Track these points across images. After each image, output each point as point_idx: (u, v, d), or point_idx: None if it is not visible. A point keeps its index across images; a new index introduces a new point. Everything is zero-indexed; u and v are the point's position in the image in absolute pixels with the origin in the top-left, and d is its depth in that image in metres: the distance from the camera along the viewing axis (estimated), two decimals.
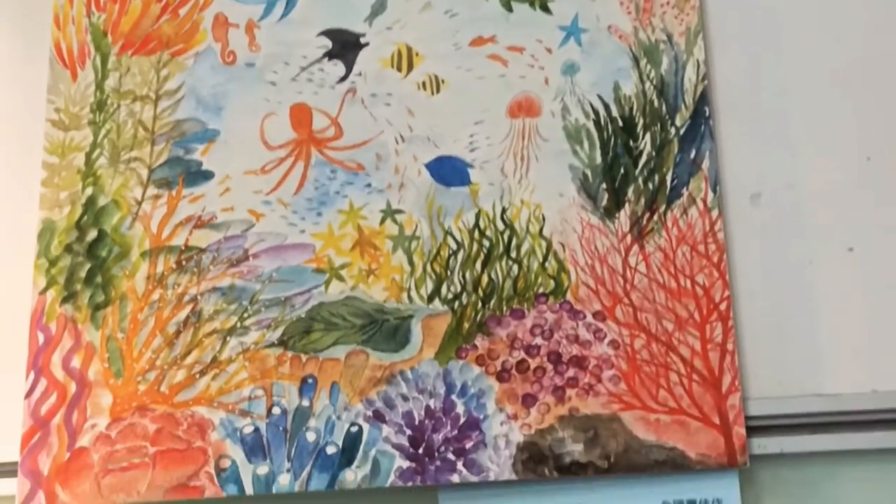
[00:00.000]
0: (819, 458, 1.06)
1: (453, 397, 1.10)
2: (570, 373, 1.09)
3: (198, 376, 1.15)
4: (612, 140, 1.15)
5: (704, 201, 1.12)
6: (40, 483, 1.14)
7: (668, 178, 1.13)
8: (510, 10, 1.20)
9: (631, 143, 1.15)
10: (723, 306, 1.09)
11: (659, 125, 1.14)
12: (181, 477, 1.12)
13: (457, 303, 1.13)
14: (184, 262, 1.19)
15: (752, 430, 1.05)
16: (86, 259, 1.21)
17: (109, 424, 1.15)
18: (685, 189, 1.12)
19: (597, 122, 1.16)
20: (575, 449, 1.07)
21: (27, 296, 1.20)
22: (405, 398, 1.11)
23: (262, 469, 1.11)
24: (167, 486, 1.12)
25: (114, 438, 1.15)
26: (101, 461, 1.14)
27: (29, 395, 1.17)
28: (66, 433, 1.16)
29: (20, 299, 1.20)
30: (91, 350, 1.18)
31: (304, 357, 1.14)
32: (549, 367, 1.10)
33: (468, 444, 1.09)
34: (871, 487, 1.06)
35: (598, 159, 1.15)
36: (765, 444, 1.06)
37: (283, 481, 1.11)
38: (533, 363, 1.10)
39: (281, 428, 1.12)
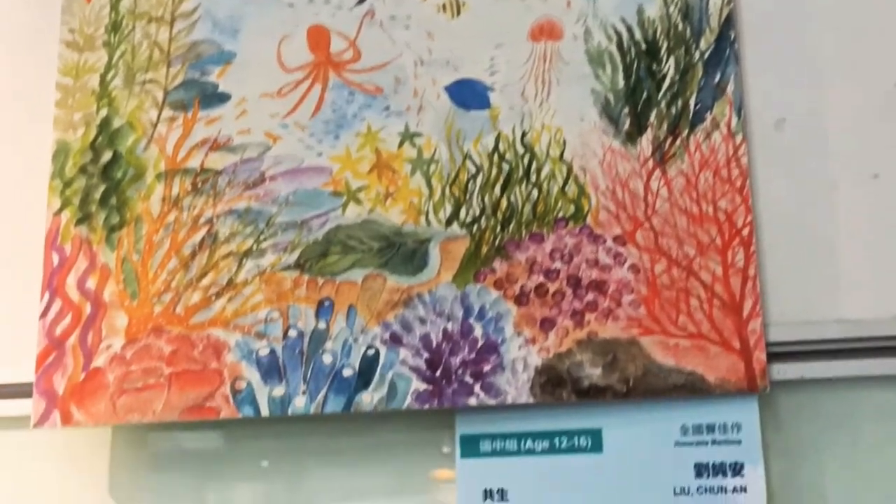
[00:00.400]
0: (840, 384, 1.05)
1: (471, 321, 1.09)
2: (590, 297, 1.08)
3: (213, 298, 1.15)
4: (635, 64, 1.13)
5: (728, 126, 1.10)
6: (55, 402, 1.14)
7: (692, 102, 1.11)
8: None
9: (654, 66, 1.13)
10: (745, 231, 1.07)
11: (683, 49, 1.13)
12: (196, 398, 1.12)
13: (475, 226, 1.12)
14: (199, 185, 1.18)
15: (773, 356, 1.04)
16: (100, 181, 1.20)
17: (125, 345, 1.15)
18: (709, 114, 1.11)
19: (620, 46, 1.14)
20: (593, 373, 1.06)
21: (41, 217, 1.19)
22: (423, 321, 1.10)
23: (278, 391, 1.11)
24: (182, 407, 1.12)
25: (129, 359, 1.14)
26: (116, 381, 1.14)
27: (44, 315, 1.17)
28: (81, 354, 1.15)
29: (35, 220, 1.20)
30: (106, 271, 1.17)
31: (320, 280, 1.13)
32: (568, 291, 1.09)
33: (486, 368, 1.08)
34: (892, 413, 1.05)
35: (621, 83, 1.13)
36: (785, 370, 1.05)
37: (299, 403, 1.10)
38: (552, 287, 1.09)
39: (297, 350, 1.12)
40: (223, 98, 1.20)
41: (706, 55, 1.12)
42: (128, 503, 1.16)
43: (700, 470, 1.04)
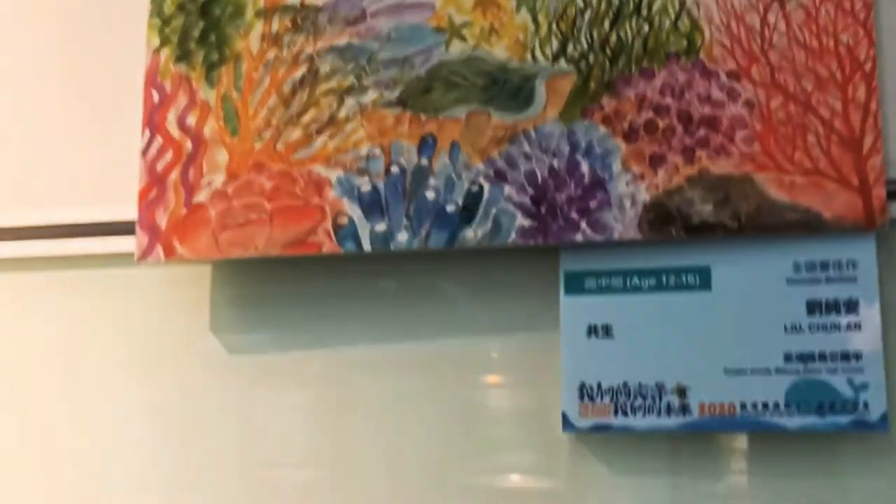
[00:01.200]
0: None
1: (578, 157, 1.07)
2: (701, 133, 1.05)
3: (315, 135, 1.13)
4: None
5: None
6: (158, 237, 1.14)
7: None
8: None
9: None
10: (867, 66, 1.03)
11: None
12: (298, 233, 1.12)
13: (583, 62, 1.09)
14: (299, 22, 1.16)
15: (893, 195, 1.01)
16: (199, 18, 1.18)
17: (226, 181, 1.15)
18: None
19: None
20: (704, 209, 1.04)
21: (141, 55, 1.19)
22: (528, 158, 1.08)
23: (381, 226, 1.10)
24: (284, 242, 1.12)
25: (230, 195, 1.14)
26: (218, 217, 1.14)
27: (145, 152, 1.17)
28: (182, 189, 1.15)
29: (134, 59, 1.19)
30: (206, 108, 1.16)
31: (423, 116, 1.11)
32: (679, 127, 1.06)
33: (592, 204, 1.06)
34: None
35: None
36: None
37: (402, 238, 1.09)
38: (662, 123, 1.06)
39: (399, 187, 1.10)
40: None
41: None
42: (228, 339, 1.17)
43: (812, 307, 1.01)
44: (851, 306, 1.01)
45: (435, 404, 1.11)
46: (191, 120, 1.17)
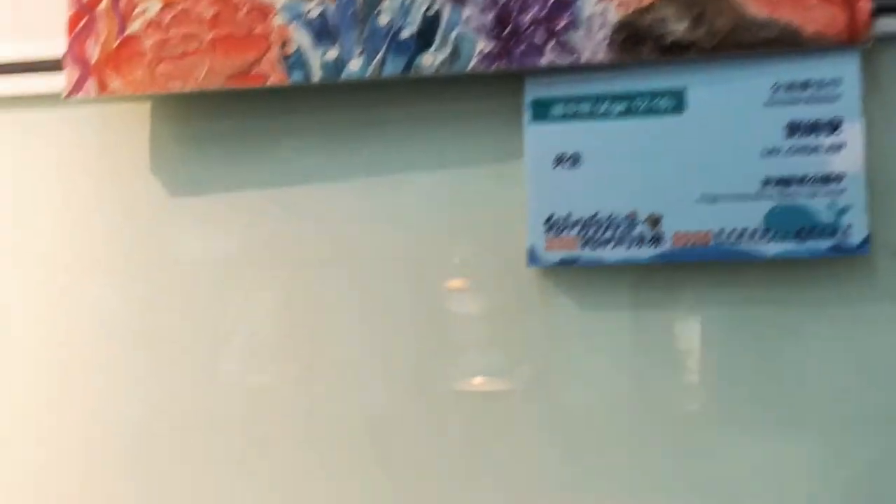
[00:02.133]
0: None
1: None
2: None
3: None
4: None
5: None
6: (89, 70, 1.06)
7: None
8: None
9: None
10: None
11: None
12: (242, 64, 1.03)
13: None
14: None
15: (879, 11, 0.95)
16: None
17: (161, 10, 1.05)
18: None
19: None
20: (677, 28, 0.97)
21: None
22: None
23: (331, 54, 1.02)
24: (227, 74, 1.04)
25: (166, 24, 1.05)
26: (153, 48, 1.05)
27: None
28: (115, 19, 1.06)
29: None
30: None
31: None
32: None
33: (559, 25, 0.99)
34: None
35: None
36: (891, 24, 0.95)
37: (354, 66, 1.01)
38: None
39: (351, 11, 1.02)
40: None
41: None
42: (171, 181, 1.09)
43: (792, 129, 0.96)
44: (833, 127, 0.95)
45: (397, 238, 1.04)
46: None
